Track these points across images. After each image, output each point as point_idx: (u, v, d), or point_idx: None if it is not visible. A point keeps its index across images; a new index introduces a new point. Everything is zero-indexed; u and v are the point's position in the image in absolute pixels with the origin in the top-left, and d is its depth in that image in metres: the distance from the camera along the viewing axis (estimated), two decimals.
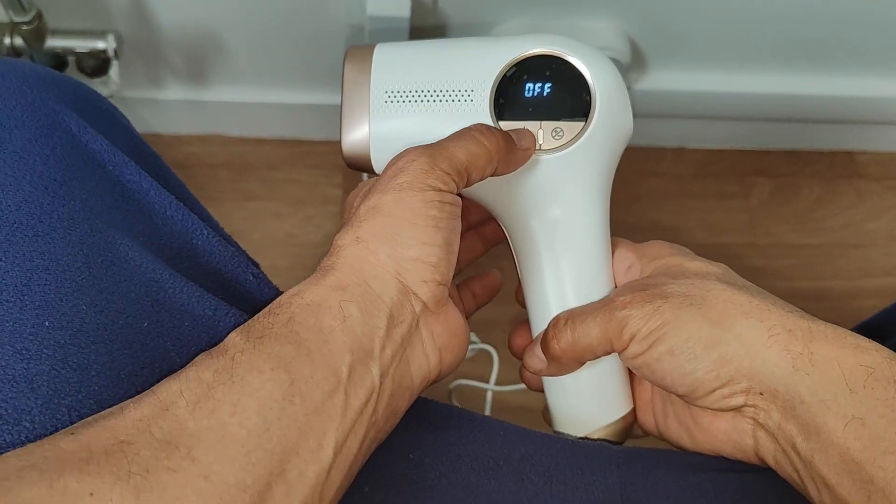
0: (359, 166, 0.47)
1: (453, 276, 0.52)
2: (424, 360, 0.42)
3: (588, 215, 0.47)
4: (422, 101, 0.46)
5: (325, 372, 0.36)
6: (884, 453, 0.36)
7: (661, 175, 1.10)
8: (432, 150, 0.42)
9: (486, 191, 0.47)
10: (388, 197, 0.41)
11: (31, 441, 0.33)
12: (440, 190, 0.41)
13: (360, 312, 0.39)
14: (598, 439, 0.49)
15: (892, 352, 0.39)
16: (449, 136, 0.43)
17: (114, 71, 0.88)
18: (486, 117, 0.45)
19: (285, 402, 0.35)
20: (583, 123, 0.45)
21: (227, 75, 0.97)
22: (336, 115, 0.99)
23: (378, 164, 0.47)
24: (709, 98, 1.00)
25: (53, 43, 0.83)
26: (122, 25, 0.87)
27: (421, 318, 0.42)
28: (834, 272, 1.06)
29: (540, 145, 0.46)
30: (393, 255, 0.40)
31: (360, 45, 0.48)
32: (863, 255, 1.07)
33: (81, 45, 0.83)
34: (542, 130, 0.46)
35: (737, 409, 0.42)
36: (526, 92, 0.45)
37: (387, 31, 0.83)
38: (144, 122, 1.04)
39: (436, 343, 0.43)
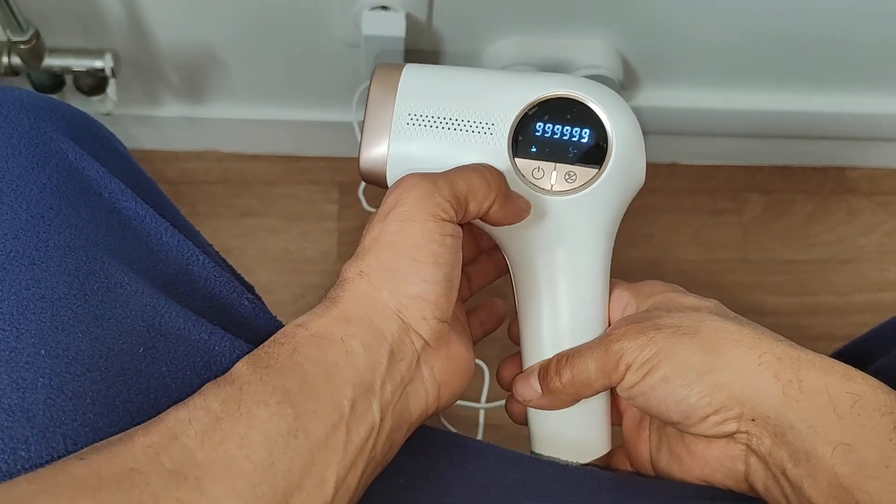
0: (374, 181, 0.48)
1: (467, 300, 0.53)
2: (423, 395, 0.42)
3: (592, 258, 0.48)
4: (443, 127, 0.46)
5: (329, 407, 0.37)
6: (869, 478, 0.37)
7: (655, 191, 1.10)
8: (433, 177, 0.42)
9: (496, 228, 0.48)
10: (389, 227, 0.41)
11: (27, 470, 0.33)
12: (441, 219, 0.41)
13: (363, 347, 0.39)
14: (588, 465, 0.50)
15: (877, 380, 0.40)
16: (452, 168, 0.44)
17: (111, 89, 0.88)
18: (503, 152, 0.46)
19: (290, 437, 0.35)
20: (596, 170, 0.46)
21: (223, 92, 0.98)
22: (332, 131, 1.01)
23: (392, 181, 0.47)
24: (702, 115, 1.01)
25: (51, 62, 0.83)
26: (119, 44, 0.88)
27: (422, 354, 0.42)
28: (826, 287, 1.07)
29: (552, 186, 0.46)
30: (394, 291, 0.41)
31: (389, 64, 0.48)
32: (854, 270, 1.08)
33: (79, 63, 0.84)
34: (555, 172, 0.46)
35: (729, 435, 0.42)
36: (544, 132, 0.46)
37: (383, 53, 0.83)
38: (141, 138, 1.04)
39: (436, 379, 0.43)
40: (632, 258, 1.05)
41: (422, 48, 0.89)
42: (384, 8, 0.82)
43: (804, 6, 0.86)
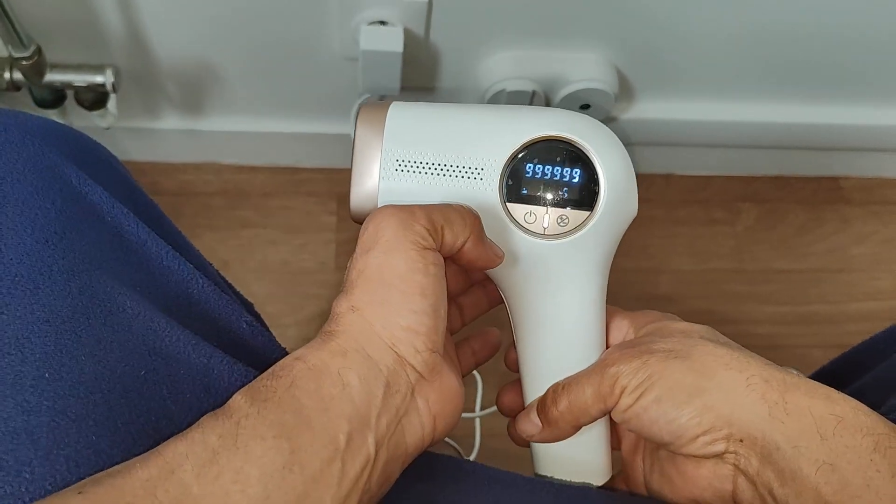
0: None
1: (458, 331, 0.53)
2: (419, 427, 0.43)
3: (588, 294, 0.48)
4: (431, 173, 0.46)
5: (324, 440, 0.37)
6: (852, 497, 0.38)
7: (650, 201, 1.11)
8: (408, 206, 0.43)
9: (491, 269, 0.48)
10: (373, 260, 0.41)
11: (30, 492, 0.34)
12: (422, 247, 0.41)
13: (359, 380, 0.40)
14: (580, 483, 0.51)
15: (859, 403, 0.41)
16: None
17: (112, 104, 0.89)
18: (494, 197, 0.45)
19: (285, 471, 0.35)
20: (588, 213, 0.46)
21: (222, 105, 0.99)
22: (330, 143, 1.02)
23: None
24: (696, 126, 1.02)
25: (52, 77, 0.84)
26: (119, 58, 0.89)
27: (416, 386, 0.42)
28: (819, 296, 1.08)
29: (545, 229, 0.46)
30: (386, 324, 0.41)
31: (373, 104, 0.47)
32: (847, 279, 1.09)
33: (80, 79, 0.85)
34: (547, 216, 0.46)
35: (718, 455, 0.43)
36: (535, 174, 0.46)
37: (380, 70, 0.84)
38: (140, 151, 1.05)
39: (430, 410, 0.43)
40: (627, 269, 1.06)
41: (419, 63, 0.90)
42: (382, 23, 0.83)
43: (798, 19, 0.87)
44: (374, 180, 0.46)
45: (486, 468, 0.49)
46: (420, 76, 0.92)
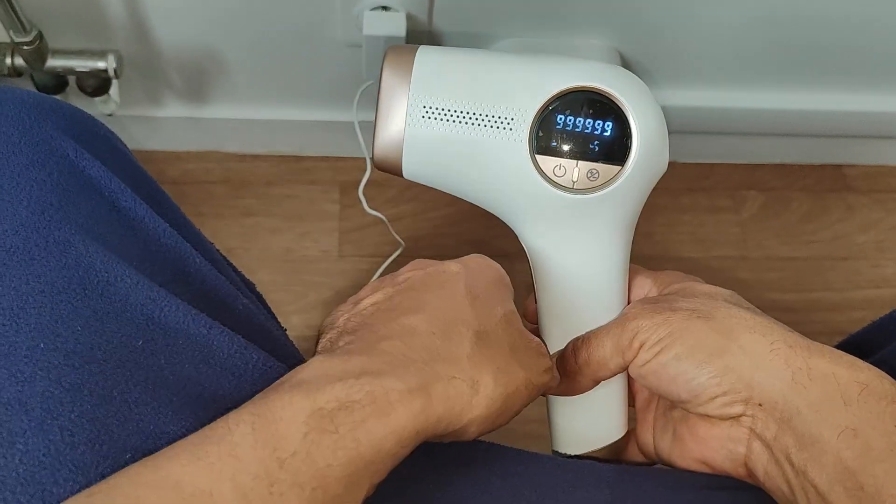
0: (389, 170, 0.47)
1: None
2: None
3: (614, 251, 0.48)
4: (459, 122, 0.44)
5: None
6: (874, 462, 0.38)
7: (654, 189, 1.11)
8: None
9: (515, 220, 0.47)
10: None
11: (24, 463, 0.33)
12: None
13: None
14: (588, 456, 0.51)
15: (882, 371, 0.41)
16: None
17: (114, 90, 0.89)
18: (524, 148, 0.44)
19: None
20: (619, 168, 0.44)
21: (225, 93, 0.99)
22: (334, 131, 1.02)
23: (408, 171, 0.46)
24: (700, 113, 1.01)
25: (54, 63, 0.84)
26: (122, 45, 0.89)
27: None
28: (823, 284, 1.07)
29: (574, 183, 0.45)
30: None
31: (401, 47, 0.46)
32: (852, 267, 1.09)
33: (82, 64, 0.85)
34: (577, 170, 0.44)
35: (735, 417, 0.43)
36: (566, 126, 0.44)
37: (382, 52, 0.84)
38: (143, 139, 1.05)
39: None
40: (631, 257, 1.05)
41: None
42: (385, 8, 0.82)
43: (802, 6, 0.86)
44: (399, 127, 0.45)
45: (493, 444, 0.49)
46: None
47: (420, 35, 0.86)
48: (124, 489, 0.32)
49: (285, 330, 0.52)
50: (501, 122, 0.44)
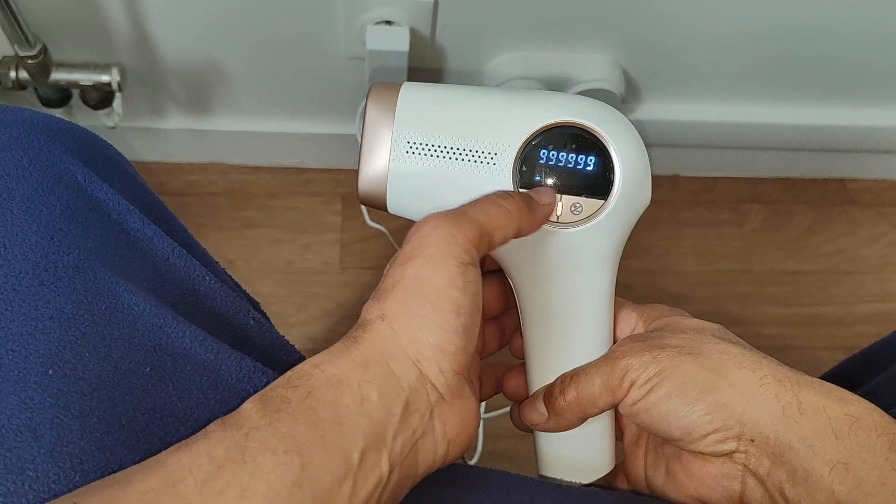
0: (373, 205, 0.47)
1: (494, 353, 0.52)
2: (433, 450, 0.41)
3: (598, 285, 0.47)
4: (443, 157, 0.44)
5: (337, 458, 0.36)
6: (866, 496, 0.38)
7: (656, 203, 1.10)
8: (455, 217, 0.41)
9: (501, 254, 0.47)
10: (411, 271, 0.40)
11: (34, 490, 0.34)
12: (464, 263, 0.40)
13: (379, 396, 0.38)
14: (591, 485, 0.51)
15: (872, 404, 0.41)
16: (470, 203, 0.43)
17: (117, 103, 0.89)
18: (507, 183, 0.44)
19: (294, 489, 0.34)
20: (602, 202, 0.45)
21: (228, 105, 0.99)
22: (336, 143, 1.02)
23: (392, 206, 0.46)
24: (703, 127, 1.02)
25: (58, 76, 0.84)
26: (125, 57, 0.89)
27: (436, 407, 0.40)
28: (827, 298, 1.07)
29: (558, 217, 0.45)
30: (414, 339, 0.39)
31: (384, 84, 0.46)
32: (855, 281, 1.09)
33: (86, 78, 0.85)
34: (561, 203, 0.45)
35: (728, 454, 0.43)
36: (549, 161, 0.45)
37: (386, 69, 0.84)
38: (146, 151, 1.05)
39: (447, 434, 0.41)
40: (632, 270, 1.05)
41: (425, 63, 0.89)
42: (388, 23, 0.83)
43: (805, 21, 0.86)
44: (383, 162, 0.45)
45: (494, 471, 0.48)
46: (426, 76, 0.92)
47: (423, 49, 0.86)
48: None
49: (294, 347, 0.52)
50: (485, 157, 0.44)
